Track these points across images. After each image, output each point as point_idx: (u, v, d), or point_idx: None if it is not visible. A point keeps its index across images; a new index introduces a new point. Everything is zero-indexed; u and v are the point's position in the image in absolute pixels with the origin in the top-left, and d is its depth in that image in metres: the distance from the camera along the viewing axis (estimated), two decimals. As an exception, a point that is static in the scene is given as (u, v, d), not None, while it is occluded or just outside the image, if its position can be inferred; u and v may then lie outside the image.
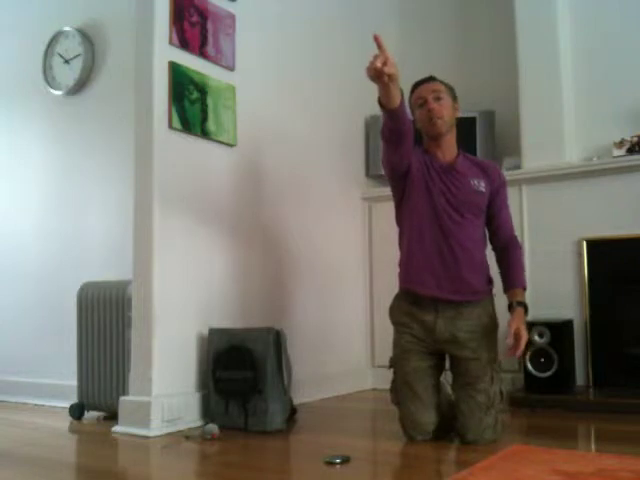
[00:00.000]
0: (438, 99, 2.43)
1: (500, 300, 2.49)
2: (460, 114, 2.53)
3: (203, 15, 2.97)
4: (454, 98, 2.49)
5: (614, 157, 3.27)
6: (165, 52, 2.79)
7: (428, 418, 2.36)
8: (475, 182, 2.43)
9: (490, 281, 2.47)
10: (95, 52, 3.56)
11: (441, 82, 2.48)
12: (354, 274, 3.88)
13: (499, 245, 2.51)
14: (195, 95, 2.88)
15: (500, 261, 2.50)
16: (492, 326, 2.41)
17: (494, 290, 2.48)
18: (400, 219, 2.51)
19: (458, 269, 2.36)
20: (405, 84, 2.53)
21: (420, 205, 2.42)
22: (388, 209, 2.63)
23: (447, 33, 4.22)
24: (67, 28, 3.63)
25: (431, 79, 2.49)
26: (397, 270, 2.51)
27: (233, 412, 2.65)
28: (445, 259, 2.37)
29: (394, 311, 2.50)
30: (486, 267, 2.46)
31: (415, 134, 2.38)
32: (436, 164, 2.45)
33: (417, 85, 2.49)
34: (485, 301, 2.42)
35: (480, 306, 2.40)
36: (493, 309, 2.44)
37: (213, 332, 2.78)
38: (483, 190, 2.43)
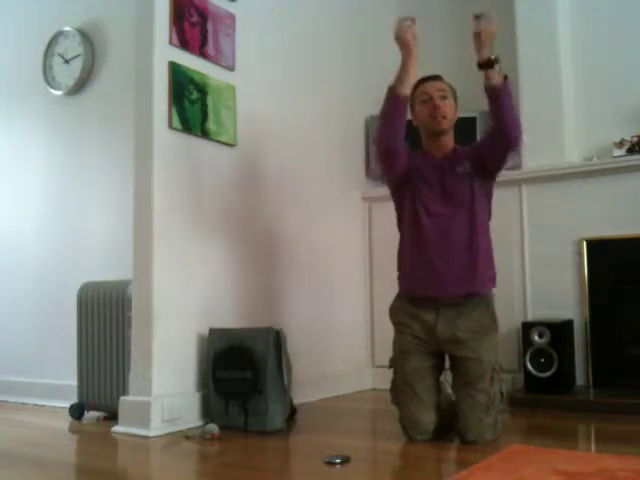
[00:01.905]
0: (444, 98, 2.44)
1: (500, 301, 2.49)
2: (459, 115, 2.53)
3: (203, 15, 2.97)
4: (455, 100, 2.50)
5: (614, 157, 3.27)
6: (165, 52, 2.79)
7: (428, 418, 2.36)
8: (461, 168, 2.42)
9: (493, 276, 2.46)
10: (95, 52, 3.56)
11: (445, 82, 2.50)
12: (354, 274, 3.88)
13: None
14: (195, 95, 2.88)
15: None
16: (493, 326, 2.41)
17: (494, 289, 2.47)
18: (400, 224, 2.53)
19: (457, 264, 2.36)
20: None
21: (417, 207, 2.43)
22: (388, 209, 2.64)
23: (447, 33, 4.21)
24: (67, 28, 3.63)
25: (437, 77, 2.50)
26: (396, 270, 2.52)
27: (233, 412, 2.65)
28: (444, 257, 2.37)
29: (394, 311, 2.51)
30: (489, 257, 2.45)
31: (410, 133, 2.40)
32: (430, 161, 2.47)
33: (422, 81, 2.49)
34: (485, 301, 2.42)
35: (481, 306, 2.40)
36: (493, 310, 2.44)
37: (213, 332, 2.78)
38: (470, 171, 2.42)
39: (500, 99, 2.31)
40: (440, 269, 2.37)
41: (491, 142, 2.40)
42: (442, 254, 2.38)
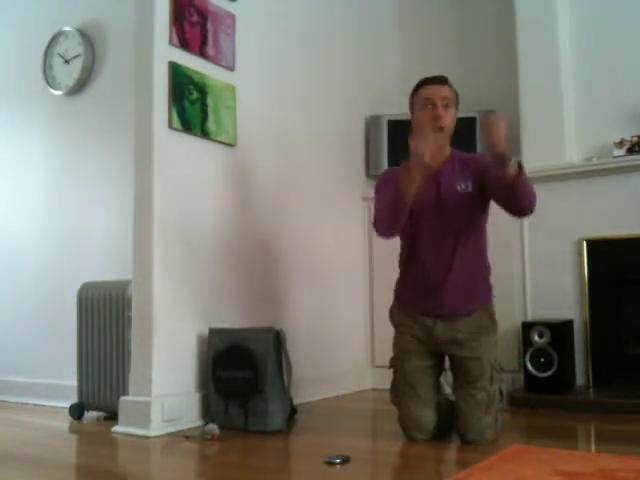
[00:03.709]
0: (447, 107, 2.36)
1: (500, 301, 2.49)
2: (459, 115, 2.47)
3: (203, 15, 2.97)
4: (457, 106, 2.43)
5: (614, 157, 3.27)
6: (165, 52, 2.79)
7: (428, 417, 2.36)
8: (462, 186, 2.37)
9: (489, 288, 2.45)
10: (95, 52, 3.56)
11: (450, 86, 2.40)
12: (354, 274, 3.88)
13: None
14: (195, 95, 2.88)
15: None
16: (492, 327, 2.41)
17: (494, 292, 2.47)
18: (401, 237, 2.52)
19: (450, 293, 2.34)
20: (404, 84, 2.53)
21: (413, 226, 2.40)
22: (388, 209, 2.63)
23: (447, 33, 4.21)
24: (67, 28, 3.63)
25: (443, 81, 2.39)
26: (396, 270, 2.53)
27: (233, 412, 2.65)
28: (438, 284, 2.35)
29: (394, 313, 2.51)
30: (485, 276, 2.44)
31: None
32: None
33: (427, 82, 2.40)
34: (484, 304, 2.42)
35: (479, 309, 2.40)
36: (492, 311, 2.44)
37: (213, 332, 2.78)
38: (471, 190, 2.37)
39: (515, 189, 2.16)
40: (436, 292, 2.35)
41: (502, 203, 2.29)
42: (438, 275, 2.36)
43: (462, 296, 2.36)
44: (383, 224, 2.34)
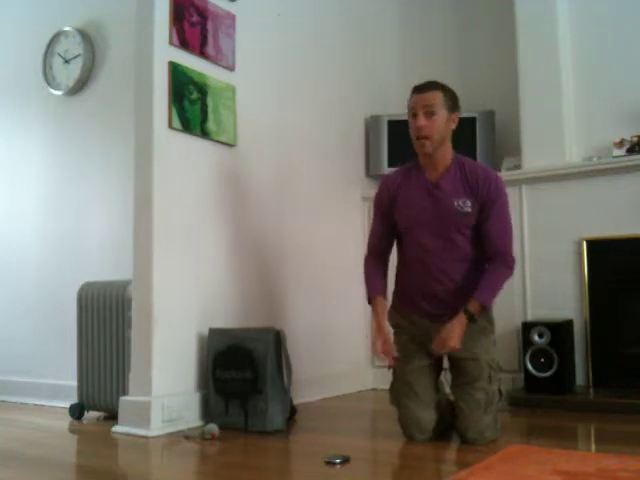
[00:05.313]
0: (431, 114, 2.31)
1: (500, 301, 2.49)
2: (460, 117, 2.44)
3: (203, 15, 2.97)
4: (453, 107, 2.37)
5: (614, 157, 3.27)
6: (165, 52, 2.79)
7: (428, 416, 2.36)
8: (460, 203, 2.35)
9: None
10: (95, 52, 3.56)
11: (442, 89, 2.35)
12: (354, 274, 3.86)
13: (486, 258, 2.41)
14: (195, 95, 2.88)
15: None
16: (489, 327, 2.42)
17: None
18: (398, 248, 2.53)
19: (446, 302, 2.36)
20: (405, 84, 2.54)
21: (410, 236, 2.42)
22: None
23: (447, 33, 4.21)
24: (67, 28, 3.63)
25: (430, 87, 2.34)
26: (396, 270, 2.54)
27: (233, 412, 2.65)
28: (433, 293, 2.38)
29: (392, 314, 2.51)
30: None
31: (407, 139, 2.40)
32: (422, 181, 2.42)
33: (414, 91, 2.37)
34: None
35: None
36: (489, 312, 2.43)
37: (213, 332, 2.78)
38: (469, 210, 2.35)
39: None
40: (433, 299, 2.38)
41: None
42: (435, 284, 2.37)
43: (459, 300, 2.35)
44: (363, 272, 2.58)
